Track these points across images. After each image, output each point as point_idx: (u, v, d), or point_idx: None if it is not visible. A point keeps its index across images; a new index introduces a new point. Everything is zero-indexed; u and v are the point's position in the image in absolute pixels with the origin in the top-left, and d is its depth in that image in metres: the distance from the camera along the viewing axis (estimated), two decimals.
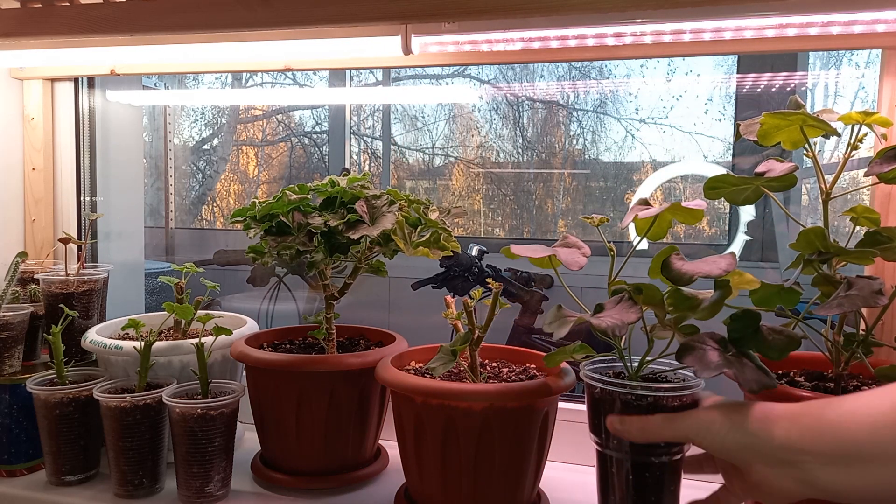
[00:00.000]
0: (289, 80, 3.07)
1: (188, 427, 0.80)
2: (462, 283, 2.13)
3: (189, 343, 0.89)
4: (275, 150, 3.79)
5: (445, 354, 0.75)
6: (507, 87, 3.08)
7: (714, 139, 2.68)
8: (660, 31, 0.89)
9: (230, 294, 2.70)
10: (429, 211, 0.83)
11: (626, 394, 0.64)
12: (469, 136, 3.24)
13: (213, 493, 0.83)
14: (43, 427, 0.87)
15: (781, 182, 0.70)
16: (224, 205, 3.76)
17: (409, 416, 0.75)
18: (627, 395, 0.64)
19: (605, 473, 0.68)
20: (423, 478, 0.77)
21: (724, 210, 2.66)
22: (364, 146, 3.46)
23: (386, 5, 0.81)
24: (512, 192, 3.14)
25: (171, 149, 3.24)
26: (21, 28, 0.94)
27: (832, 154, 2.03)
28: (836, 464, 0.43)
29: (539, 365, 0.85)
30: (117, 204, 1.51)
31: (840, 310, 0.62)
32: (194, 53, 1.07)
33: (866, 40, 0.87)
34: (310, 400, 0.84)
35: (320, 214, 0.82)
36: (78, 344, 0.98)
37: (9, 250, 1.24)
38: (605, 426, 0.65)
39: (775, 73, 2.30)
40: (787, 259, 1.18)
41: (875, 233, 0.66)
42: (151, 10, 0.89)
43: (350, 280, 0.89)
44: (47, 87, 1.27)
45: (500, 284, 0.76)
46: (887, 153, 0.66)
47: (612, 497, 0.68)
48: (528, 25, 0.90)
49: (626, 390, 0.64)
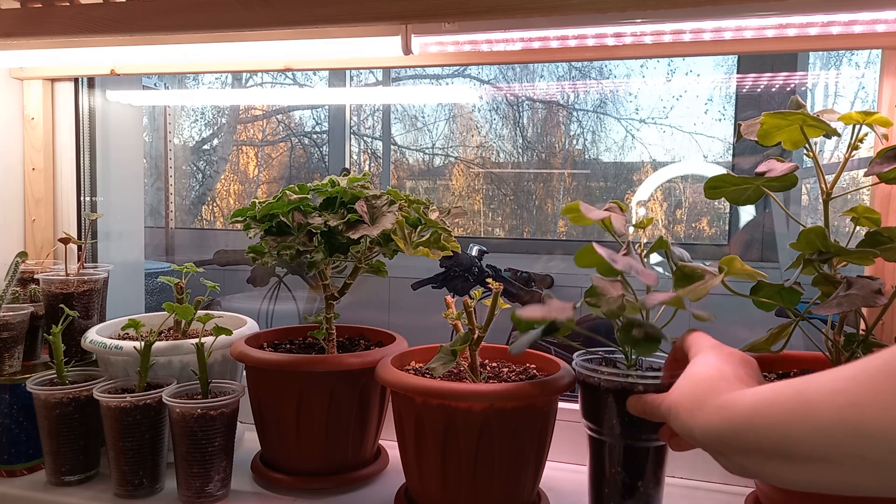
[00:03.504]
0: (289, 80, 3.07)
1: (188, 427, 0.80)
2: (462, 283, 2.13)
3: (189, 343, 0.89)
4: (275, 150, 3.79)
5: (445, 354, 0.75)
6: (507, 87, 3.08)
7: (714, 139, 2.69)
8: (660, 31, 0.89)
9: (230, 294, 2.70)
10: (429, 211, 0.83)
11: (617, 382, 0.71)
12: (469, 136, 3.24)
13: (213, 493, 0.83)
14: (43, 427, 0.87)
15: (782, 182, 0.70)
16: (224, 205, 3.76)
17: (410, 416, 0.75)
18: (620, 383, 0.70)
19: (598, 457, 0.74)
20: (423, 478, 0.77)
21: (724, 210, 2.66)
22: (364, 146, 3.46)
23: (386, 5, 0.81)
24: (512, 192, 3.15)
25: (171, 149, 3.24)
26: (21, 28, 0.94)
27: (833, 154, 2.03)
28: (772, 460, 0.43)
29: (539, 365, 0.85)
30: (117, 204, 1.51)
31: (839, 309, 0.62)
32: (194, 53, 1.07)
33: (866, 40, 0.87)
34: (310, 400, 0.84)
35: (320, 214, 0.82)
36: (78, 344, 0.98)
37: (9, 250, 1.24)
38: (600, 413, 0.72)
39: (775, 73, 2.30)
40: (788, 259, 1.18)
41: (876, 233, 0.66)
42: (151, 10, 0.89)
43: (350, 280, 0.89)
44: (47, 87, 1.27)
45: (500, 284, 0.76)
46: (887, 153, 0.66)
47: (604, 478, 0.74)
48: (528, 25, 0.90)
49: (620, 379, 0.71)
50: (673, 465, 0.93)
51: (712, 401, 0.48)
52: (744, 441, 0.44)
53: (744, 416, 0.44)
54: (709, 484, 0.91)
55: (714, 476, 0.91)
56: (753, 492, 0.73)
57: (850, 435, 0.37)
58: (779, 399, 0.42)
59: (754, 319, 0.83)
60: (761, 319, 0.78)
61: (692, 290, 0.66)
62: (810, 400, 0.40)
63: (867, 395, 0.37)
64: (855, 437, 0.37)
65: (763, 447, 0.43)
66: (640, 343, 0.67)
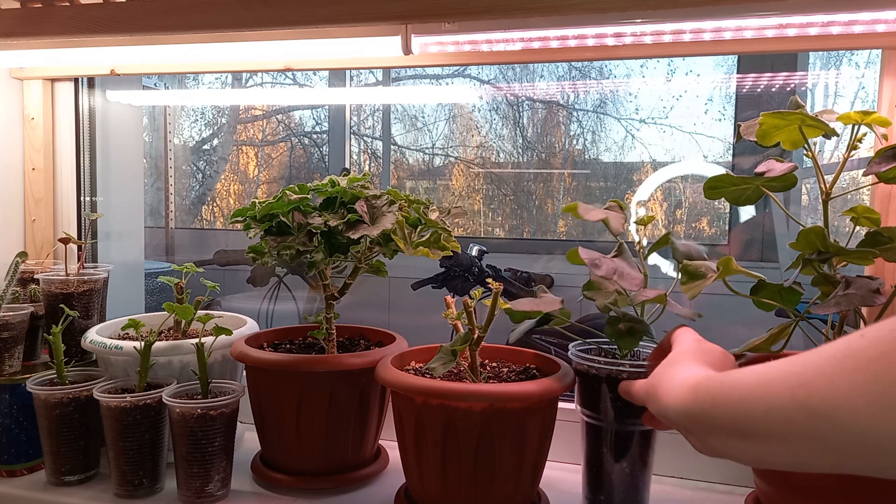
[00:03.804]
0: (289, 80, 3.07)
1: (188, 427, 0.80)
2: (462, 283, 2.13)
3: (189, 343, 0.89)
4: (275, 150, 3.79)
5: (445, 354, 0.75)
6: (507, 87, 3.08)
7: (714, 139, 2.69)
8: (660, 31, 0.89)
9: (230, 294, 2.70)
10: (429, 211, 0.83)
11: (607, 370, 0.76)
12: (469, 136, 3.24)
13: (213, 493, 0.83)
14: (43, 427, 0.87)
15: (781, 182, 0.71)
16: (224, 205, 3.77)
17: (410, 416, 0.75)
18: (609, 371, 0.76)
19: (591, 442, 0.80)
20: (423, 478, 0.77)
21: (724, 210, 2.66)
22: (364, 146, 3.46)
23: (386, 5, 0.81)
24: (512, 192, 3.15)
25: (171, 149, 3.24)
26: (21, 28, 0.94)
27: (832, 154, 2.03)
28: (732, 437, 0.45)
29: (539, 365, 0.85)
30: (117, 204, 1.51)
31: (838, 308, 0.62)
32: (194, 53, 1.07)
33: (866, 40, 0.87)
34: (310, 400, 0.84)
35: (320, 214, 0.82)
36: (78, 344, 0.98)
37: (9, 250, 1.24)
38: (593, 399, 0.77)
39: (775, 73, 2.31)
40: (788, 259, 1.18)
41: (875, 233, 0.66)
42: (151, 10, 0.89)
43: (350, 280, 0.89)
44: (47, 87, 1.27)
45: (500, 284, 0.76)
46: (886, 152, 0.66)
47: (595, 461, 0.79)
48: (528, 25, 0.90)
49: (609, 367, 0.75)
50: (673, 465, 0.93)
51: (686, 383, 0.51)
52: (710, 419, 0.46)
53: (710, 395, 0.47)
54: (709, 484, 0.91)
55: (714, 476, 0.91)
56: (753, 492, 0.73)
57: (799, 413, 0.39)
58: (741, 380, 0.44)
59: (754, 319, 0.83)
60: (761, 319, 0.78)
61: (695, 287, 0.68)
62: (768, 381, 0.42)
63: (816, 377, 0.39)
64: (803, 415, 0.39)
65: (724, 425, 0.45)
66: (624, 336, 0.72)
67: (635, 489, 0.78)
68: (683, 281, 0.70)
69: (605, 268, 0.72)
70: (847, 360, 0.37)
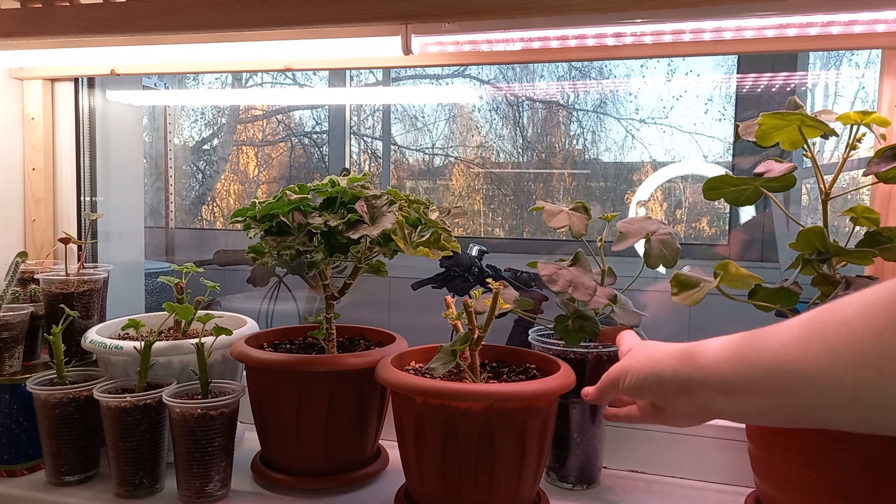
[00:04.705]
0: (289, 80, 3.07)
1: (188, 427, 0.80)
2: (462, 283, 2.13)
3: (189, 343, 0.89)
4: (275, 150, 3.79)
5: (445, 354, 0.75)
6: (507, 87, 3.08)
7: (714, 139, 2.68)
8: (660, 31, 0.89)
9: (230, 294, 2.70)
10: (429, 211, 0.83)
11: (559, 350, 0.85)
12: (469, 136, 3.24)
13: (213, 493, 0.83)
14: (43, 427, 0.88)
15: (780, 182, 0.71)
16: (224, 205, 3.76)
17: (410, 417, 0.75)
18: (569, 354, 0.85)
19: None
20: (423, 478, 0.77)
21: (724, 210, 2.66)
22: (364, 146, 3.46)
23: (386, 5, 0.82)
24: (512, 192, 3.14)
25: (171, 149, 3.24)
26: (21, 28, 0.94)
27: (832, 154, 2.03)
28: (720, 395, 0.51)
29: (539, 365, 0.86)
30: (117, 204, 1.51)
31: None
32: (194, 53, 1.07)
33: (866, 40, 0.87)
34: (310, 400, 0.84)
35: (320, 214, 0.82)
36: (78, 344, 0.98)
37: (9, 250, 1.24)
38: None
39: (775, 73, 2.30)
40: (788, 259, 1.18)
41: (875, 233, 0.66)
42: (151, 10, 0.89)
43: (350, 280, 0.89)
44: (47, 87, 1.27)
45: (500, 284, 0.76)
46: (886, 152, 0.66)
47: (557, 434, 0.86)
48: (528, 25, 0.90)
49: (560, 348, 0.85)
50: (673, 464, 0.93)
51: (673, 353, 0.57)
52: (704, 378, 0.53)
53: (709, 358, 0.53)
54: (709, 484, 0.91)
55: (714, 476, 0.91)
56: (753, 492, 0.74)
57: (776, 370, 0.46)
58: (731, 344, 0.51)
59: (754, 319, 0.83)
60: (761, 319, 0.78)
61: (689, 296, 0.68)
62: (753, 345, 0.49)
63: (794, 339, 0.45)
64: (780, 372, 0.45)
65: (713, 383, 0.52)
66: (570, 333, 0.81)
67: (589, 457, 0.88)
68: (675, 292, 0.71)
69: (561, 282, 0.81)
70: (817, 324, 0.44)
